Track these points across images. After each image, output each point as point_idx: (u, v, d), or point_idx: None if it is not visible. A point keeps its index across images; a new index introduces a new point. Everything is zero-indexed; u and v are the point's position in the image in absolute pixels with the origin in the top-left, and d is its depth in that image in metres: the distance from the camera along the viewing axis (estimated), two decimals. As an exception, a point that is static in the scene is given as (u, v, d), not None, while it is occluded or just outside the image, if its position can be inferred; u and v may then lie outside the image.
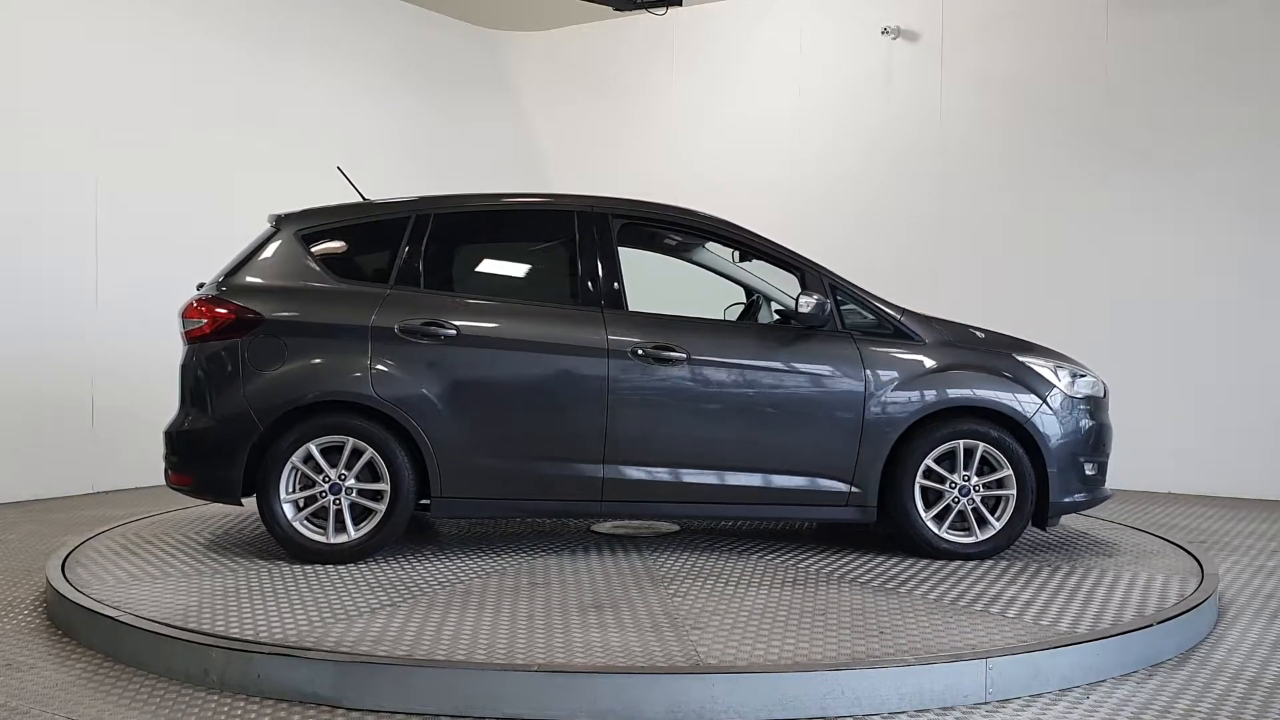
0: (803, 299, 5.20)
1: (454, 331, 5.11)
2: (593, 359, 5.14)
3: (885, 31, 9.51)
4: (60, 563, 5.01)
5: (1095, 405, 5.52)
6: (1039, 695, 3.72)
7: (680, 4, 9.49)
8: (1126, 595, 4.61)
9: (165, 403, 5.57)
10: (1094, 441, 5.46)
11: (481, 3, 10.67)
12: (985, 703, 3.65)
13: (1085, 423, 5.42)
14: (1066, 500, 5.36)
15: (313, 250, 5.29)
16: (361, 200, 5.58)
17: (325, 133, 9.45)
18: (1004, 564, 5.21)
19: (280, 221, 5.42)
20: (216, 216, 8.49)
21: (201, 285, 5.42)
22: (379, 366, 5.05)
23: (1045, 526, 5.46)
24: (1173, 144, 8.50)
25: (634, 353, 5.14)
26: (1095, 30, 8.76)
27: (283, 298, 5.18)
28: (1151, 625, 4.15)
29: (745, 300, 6.15)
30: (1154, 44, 8.56)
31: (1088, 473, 5.43)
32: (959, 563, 5.21)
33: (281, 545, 5.08)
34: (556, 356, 5.17)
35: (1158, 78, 8.54)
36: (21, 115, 7.57)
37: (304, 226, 5.36)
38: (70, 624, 4.41)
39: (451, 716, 3.50)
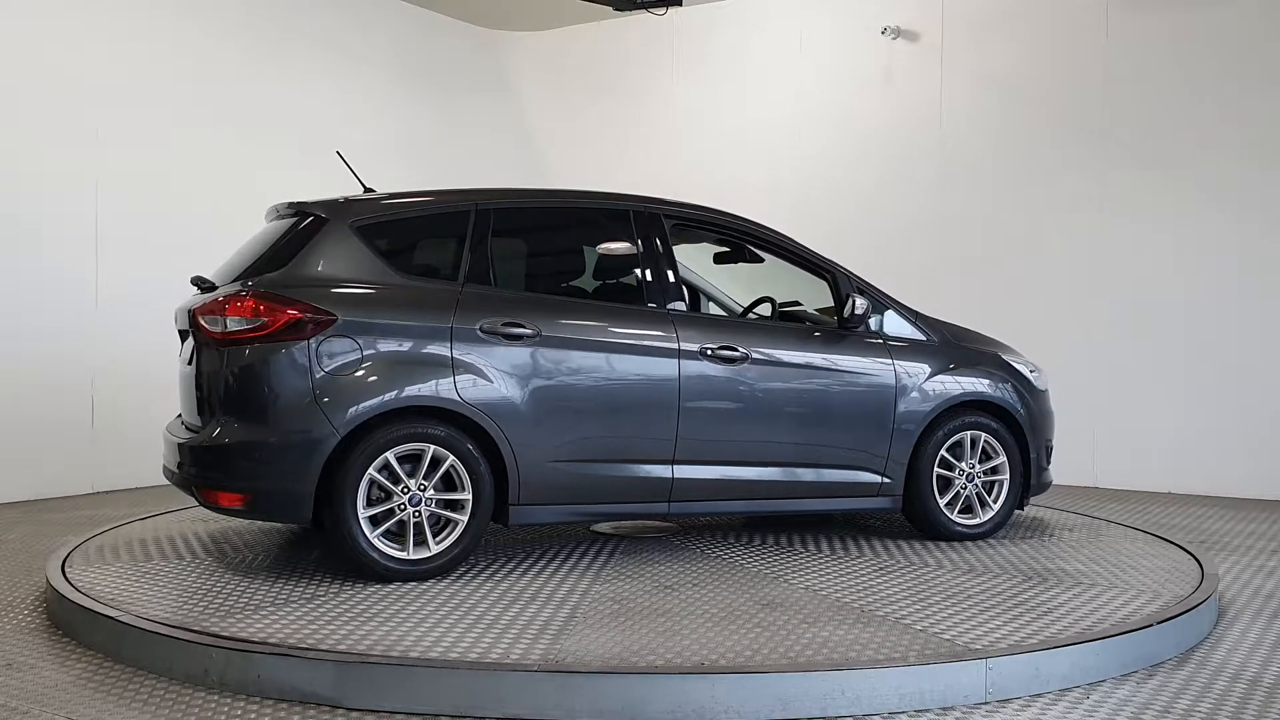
0: (859, 301, 5.52)
1: (534, 332, 4.90)
2: (667, 359, 5.14)
3: (885, 31, 9.51)
4: (60, 563, 5.00)
5: (1046, 397, 6.19)
6: (1039, 695, 3.72)
7: (680, 4, 9.49)
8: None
9: (166, 403, 5.53)
10: (1049, 429, 6.17)
11: (481, 3, 10.67)
12: (985, 703, 3.65)
13: (1044, 412, 6.11)
14: (1040, 482, 6.03)
15: (372, 243, 4.87)
16: (366, 189, 5.38)
17: (325, 133, 9.44)
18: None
19: (317, 210, 4.95)
20: (216, 217, 8.47)
21: (204, 281, 5.01)
22: (462, 369, 4.75)
23: (1024, 506, 6.03)
24: (1172, 144, 8.50)
25: (703, 353, 5.19)
26: (1095, 30, 8.75)
27: (351, 295, 4.73)
28: (1151, 625, 4.15)
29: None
30: (1154, 44, 8.56)
31: (1048, 456, 6.14)
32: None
33: (361, 567, 4.64)
34: (634, 357, 5.11)
35: (1157, 78, 8.54)
36: (21, 115, 7.58)
37: (360, 218, 4.91)
38: (70, 624, 4.41)
39: (451, 716, 3.50)
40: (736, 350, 5.27)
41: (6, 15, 7.51)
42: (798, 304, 5.95)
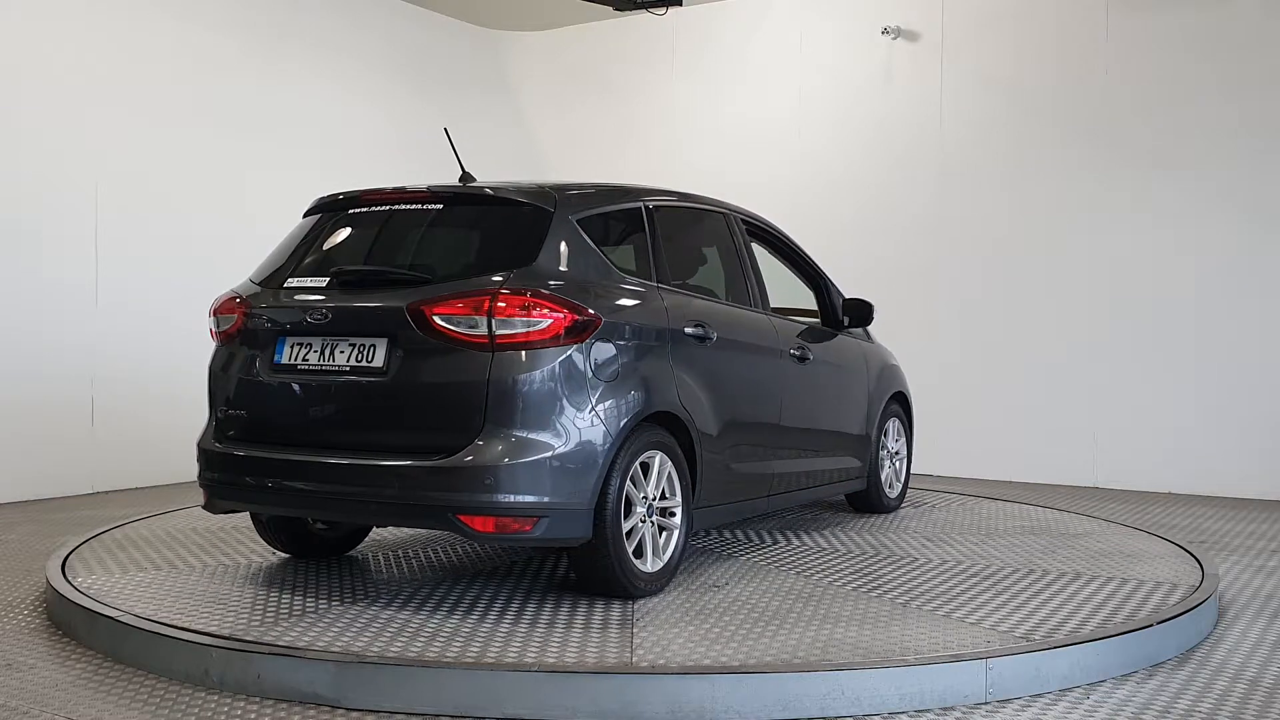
0: (869, 305, 6.15)
1: (712, 334, 4.87)
2: (780, 360, 5.45)
3: (885, 31, 9.52)
4: (60, 563, 5.00)
5: None
6: (1039, 695, 3.72)
7: (680, 4, 9.49)
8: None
9: (164, 403, 5.53)
10: None
11: (481, 3, 10.67)
12: (985, 703, 3.65)
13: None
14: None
15: (594, 239, 4.56)
16: (464, 172, 5.18)
17: (325, 133, 9.45)
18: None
19: (533, 200, 4.53)
20: (216, 218, 8.48)
21: (286, 281, 4.58)
22: (678, 372, 4.62)
23: None
24: (1172, 144, 8.50)
25: (790, 352, 5.54)
26: (1095, 30, 8.76)
27: (598, 296, 4.37)
28: (1151, 625, 4.15)
29: None
30: (1154, 44, 8.56)
31: None
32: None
33: (614, 585, 4.34)
34: (766, 359, 5.35)
35: (1158, 78, 8.54)
36: (21, 116, 7.57)
37: (578, 211, 4.56)
38: (70, 624, 4.40)
39: (451, 716, 3.49)
40: (805, 349, 5.64)
41: (6, 15, 7.51)
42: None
